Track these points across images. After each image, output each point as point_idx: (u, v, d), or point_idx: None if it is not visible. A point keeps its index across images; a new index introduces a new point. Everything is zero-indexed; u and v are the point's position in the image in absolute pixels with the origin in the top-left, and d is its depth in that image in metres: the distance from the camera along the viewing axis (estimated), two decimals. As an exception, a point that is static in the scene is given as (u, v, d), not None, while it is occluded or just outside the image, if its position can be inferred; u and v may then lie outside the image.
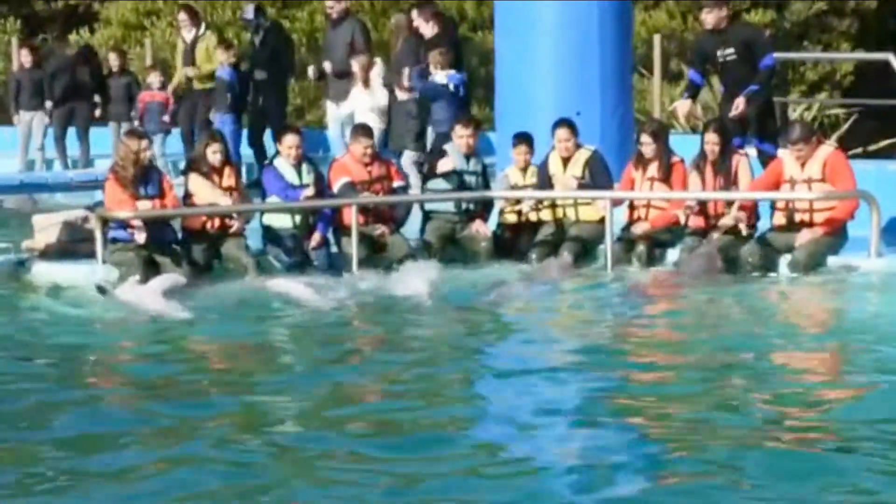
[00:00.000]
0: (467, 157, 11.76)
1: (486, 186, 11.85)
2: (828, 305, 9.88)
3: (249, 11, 16.02)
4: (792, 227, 10.70)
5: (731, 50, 11.68)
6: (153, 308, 9.63)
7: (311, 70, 15.76)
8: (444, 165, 11.65)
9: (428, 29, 14.09)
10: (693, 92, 12.41)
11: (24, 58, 17.76)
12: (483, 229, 11.59)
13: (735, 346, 8.34)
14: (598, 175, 11.46)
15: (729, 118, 11.57)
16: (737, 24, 11.59)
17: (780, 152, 11.18)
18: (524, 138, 11.75)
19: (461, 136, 11.73)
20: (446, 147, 11.92)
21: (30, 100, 17.30)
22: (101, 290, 10.03)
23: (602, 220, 11.21)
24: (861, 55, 17.53)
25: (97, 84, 17.21)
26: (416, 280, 10.29)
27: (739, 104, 11.56)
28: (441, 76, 13.60)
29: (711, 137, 11.01)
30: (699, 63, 12.26)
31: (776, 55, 12.12)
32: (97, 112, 17.20)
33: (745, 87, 11.60)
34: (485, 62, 17.13)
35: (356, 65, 14.80)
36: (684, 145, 11.95)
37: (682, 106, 12.66)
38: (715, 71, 12.35)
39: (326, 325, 9.25)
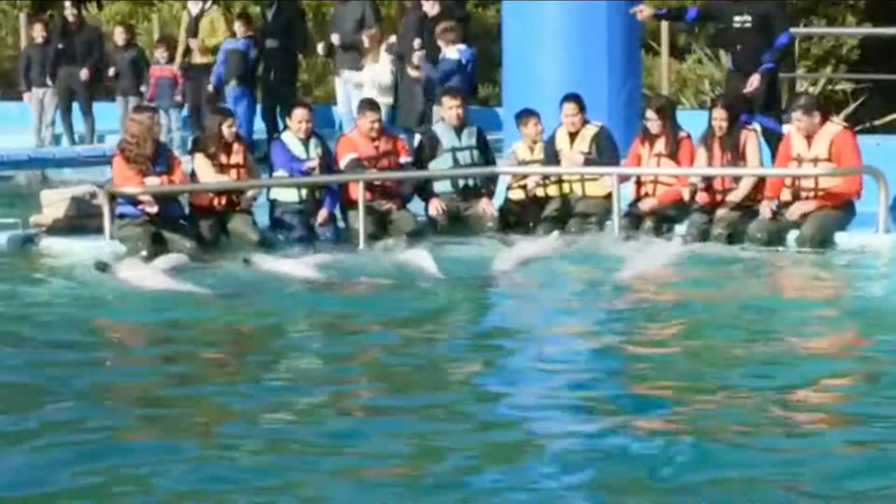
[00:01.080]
0: (458, 131, 11.71)
1: (486, 155, 11.80)
2: (836, 282, 9.86)
3: None
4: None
5: (749, 18, 11.58)
6: (155, 285, 9.62)
7: (321, 46, 15.72)
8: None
9: (430, 7, 14.00)
10: (673, 15, 12.39)
11: (35, 32, 17.73)
12: (489, 208, 11.57)
13: (746, 329, 8.32)
14: (605, 151, 11.45)
15: (740, 92, 11.49)
16: None
17: (787, 128, 11.15)
18: (532, 113, 11.73)
19: (450, 108, 11.67)
20: (435, 128, 11.85)
21: (39, 76, 17.31)
22: (102, 266, 10.01)
23: (608, 196, 11.20)
24: (871, 30, 17.44)
25: (91, 53, 17.03)
26: (422, 256, 10.30)
27: (754, 81, 11.44)
28: (453, 51, 13.54)
29: (719, 113, 11.00)
30: (707, 16, 12.18)
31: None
32: (84, 74, 16.85)
33: (753, 58, 11.51)
34: (489, 38, 17.09)
35: (366, 38, 14.77)
36: (692, 120, 11.94)
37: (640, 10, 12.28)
38: (724, 41, 12.24)
39: (330, 302, 9.22)
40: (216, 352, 8.04)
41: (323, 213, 11.14)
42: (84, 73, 16.84)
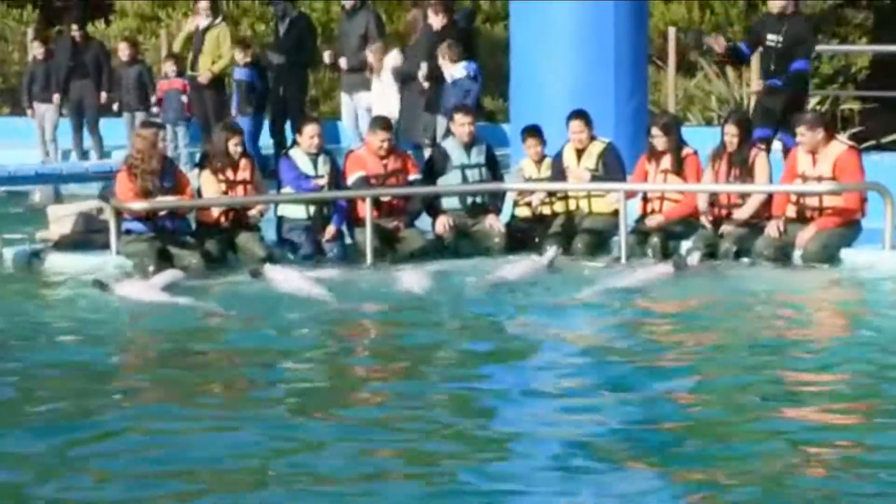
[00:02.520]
0: (468, 148, 11.73)
1: (494, 172, 11.80)
2: (843, 299, 9.85)
3: None
4: (804, 222, 10.69)
5: (781, 39, 11.70)
6: (156, 302, 9.62)
7: (326, 55, 15.65)
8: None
9: (437, 20, 14.04)
10: (736, 55, 12.49)
11: (35, 49, 17.85)
12: (497, 224, 11.56)
13: (753, 343, 8.32)
14: (611, 167, 11.45)
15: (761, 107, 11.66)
16: (798, 17, 11.64)
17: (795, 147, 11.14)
18: (533, 131, 11.75)
19: (462, 125, 11.67)
20: (445, 144, 11.86)
21: (42, 91, 17.41)
22: (101, 285, 9.99)
23: (615, 213, 11.20)
24: (878, 47, 17.46)
25: (100, 71, 17.16)
26: (426, 276, 10.31)
27: (757, 86, 11.86)
28: (458, 69, 13.49)
29: (731, 129, 11.00)
30: (751, 41, 12.30)
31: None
32: (103, 98, 17.11)
33: (775, 77, 11.68)
34: (498, 54, 17.12)
35: (370, 54, 14.79)
36: (699, 137, 11.95)
37: (717, 41, 12.54)
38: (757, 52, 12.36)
39: (336, 322, 9.19)
40: (212, 370, 8.00)
41: (331, 230, 11.15)
42: (104, 97, 16.97)
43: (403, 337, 8.70)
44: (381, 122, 11.69)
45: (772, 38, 11.70)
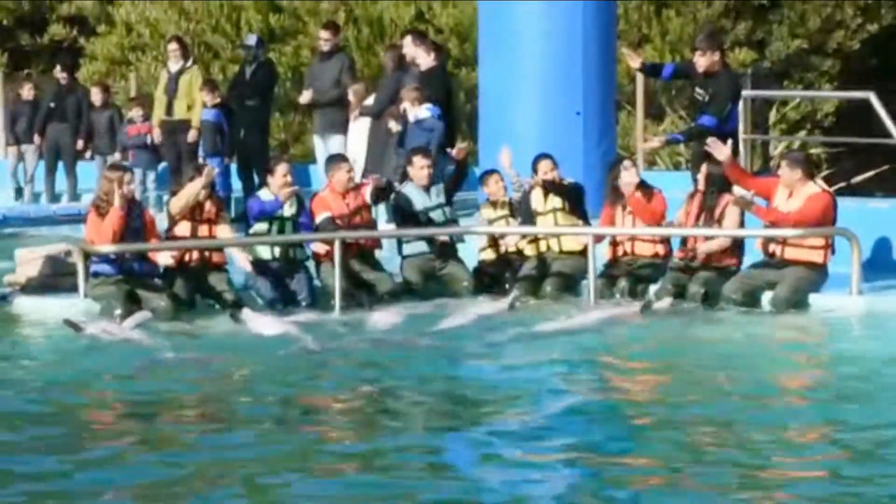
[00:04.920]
0: (427, 190, 11.75)
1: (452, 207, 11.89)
2: (811, 345, 9.89)
3: (252, 39, 16.09)
4: (770, 259, 10.75)
5: (705, 94, 11.70)
6: (127, 343, 9.59)
7: (305, 95, 15.52)
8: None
9: (427, 60, 13.86)
10: (653, 73, 12.66)
11: (24, 91, 18.09)
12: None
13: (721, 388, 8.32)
14: (573, 201, 11.53)
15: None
16: (722, 75, 11.67)
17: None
18: (492, 172, 11.90)
19: (422, 167, 11.72)
20: (404, 189, 11.85)
21: (26, 132, 17.63)
22: (73, 325, 9.95)
23: (584, 251, 11.23)
24: (842, 94, 17.62)
25: (80, 117, 17.28)
26: (397, 319, 10.32)
27: (651, 142, 12.31)
28: (422, 111, 13.41)
29: (704, 171, 11.07)
30: (679, 71, 12.36)
31: (756, 93, 12.15)
32: (80, 144, 17.25)
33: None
34: (469, 98, 17.18)
35: (352, 94, 14.77)
36: (668, 181, 12.02)
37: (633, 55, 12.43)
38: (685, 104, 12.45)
39: (306, 366, 9.15)
40: (183, 413, 7.97)
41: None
42: (80, 144, 17.05)
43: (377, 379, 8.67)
44: (339, 158, 11.87)
45: (699, 92, 11.75)
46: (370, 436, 7.25)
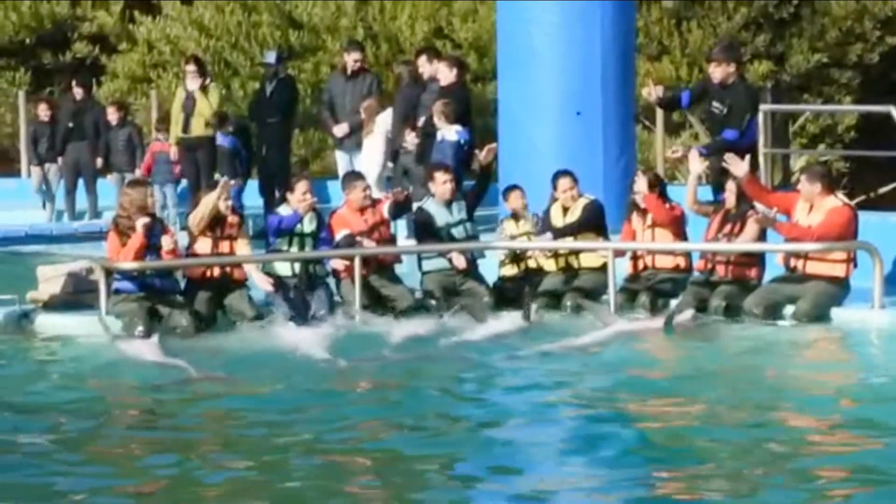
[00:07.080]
0: (448, 206, 11.74)
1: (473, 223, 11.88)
2: (835, 359, 9.84)
3: (272, 56, 16.16)
4: (791, 273, 10.73)
5: (723, 107, 11.68)
6: (153, 361, 9.63)
7: (339, 129, 15.46)
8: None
9: (449, 76, 13.84)
10: (673, 105, 12.70)
11: (40, 111, 18.18)
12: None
13: (739, 403, 8.30)
14: (590, 216, 11.47)
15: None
16: (739, 86, 11.65)
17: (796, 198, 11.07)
18: (515, 187, 11.88)
19: (443, 182, 11.70)
20: (426, 206, 11.82)
21: (47, 152, 17.75)
22: (105, 326, 10.16)
23: (604, 266, 11.22)
24: (863, 107, 17.58)
25: (98, 135, 17.34)
26: (418, 333, 10.33)
27: (685, 154, 12.18)
28: (451, 132, 13.09)
29: (731, 186, 11.05)
30: (694, 94, 12.32)
31: (776, 107, 12.10)
32: (99, 162, 17.29)
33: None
34: (485, 113, 17.19)
35: (363, 111, 14.81)
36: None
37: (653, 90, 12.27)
38: (702, 118, 12.44)
39: (331, 378, 9.19)
40: (202, 434, 7.96)
41: None
42: (99, 162, 17.11)
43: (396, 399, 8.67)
44: (354, 176, 11.89)
45: (716, 106, 11.73)
46: (390, 461, 7.23)
